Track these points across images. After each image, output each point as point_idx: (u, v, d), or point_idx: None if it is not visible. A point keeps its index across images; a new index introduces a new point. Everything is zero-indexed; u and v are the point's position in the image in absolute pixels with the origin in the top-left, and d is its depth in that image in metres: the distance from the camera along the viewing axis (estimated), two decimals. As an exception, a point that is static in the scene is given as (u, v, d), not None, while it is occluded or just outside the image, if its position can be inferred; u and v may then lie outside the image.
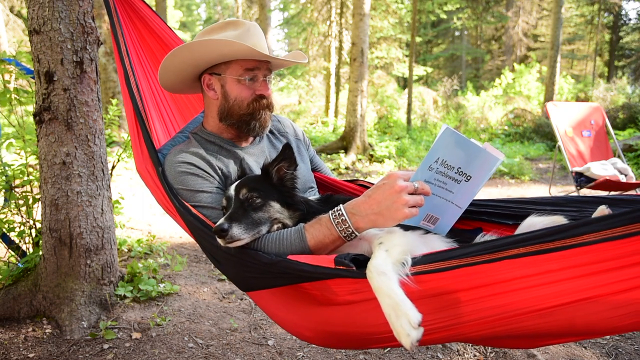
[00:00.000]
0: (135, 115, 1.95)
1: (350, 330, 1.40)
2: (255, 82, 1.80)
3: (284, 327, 1.67)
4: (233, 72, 1.77)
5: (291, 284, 1.46)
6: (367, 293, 1.21)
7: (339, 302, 1.37)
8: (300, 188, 1.78)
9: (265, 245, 1.46)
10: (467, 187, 1.43)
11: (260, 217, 1.48)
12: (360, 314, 1.34)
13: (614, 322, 1.11)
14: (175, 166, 1.71)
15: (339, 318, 1.40)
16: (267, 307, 1.68)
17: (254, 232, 1.44)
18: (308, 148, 2.22)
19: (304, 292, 1.46)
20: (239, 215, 1.43)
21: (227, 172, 1.77)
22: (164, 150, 1.90)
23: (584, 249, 1.07)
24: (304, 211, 1.55)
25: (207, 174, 1.71)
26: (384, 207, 1.29)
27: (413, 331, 1.10)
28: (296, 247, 1.43)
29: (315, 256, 1.39)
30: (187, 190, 1.66)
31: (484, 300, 1.19)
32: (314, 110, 18.61)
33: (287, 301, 1.56)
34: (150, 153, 1.81)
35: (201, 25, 40.55)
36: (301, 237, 1.43)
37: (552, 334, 1.24)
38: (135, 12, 2.35)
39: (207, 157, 1.76)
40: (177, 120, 2.36)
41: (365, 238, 1.42)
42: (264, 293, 1.62)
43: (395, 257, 1.23)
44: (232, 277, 1.71)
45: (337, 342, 1.57)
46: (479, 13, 27.21)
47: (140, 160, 1.89)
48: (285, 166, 1.58)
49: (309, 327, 1.52)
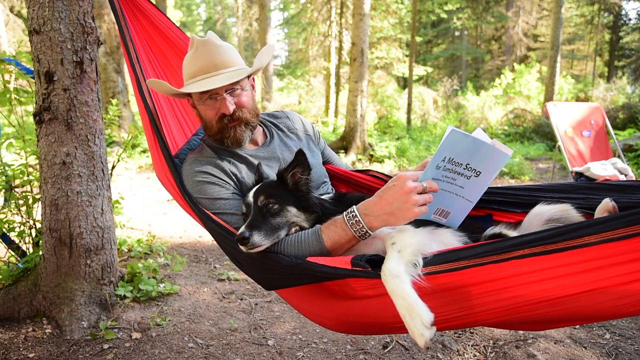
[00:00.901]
0: (150, 123, 1.99)
1: (369, 320, 1.51)
2: (216, 101, 1.82)
3: (308, 317, 1.78)
4: (195, 97, 1.87)
5: (311, 283, 1.55)
6: (383, 289, 1.28)
7: (358, 297, 1.46)
8: (314, 184, 1.86)
9: (284, 248, 1.54)
10: (477, 182, 1.47)
11: (278, 222, 1.55)
12: (377, 307, 1.43)
13: (617, 310, 1.22)
14: (192, 176, 1.78)
15: (357, 310, 1.50)
16: (290, 300, 1.80)
17: (273, 237, 1.52)
18: (318, 142, 2.25)
19: (325, 287, 1.54)
20: (259, 222, 1.51)
21: (240, 177, 1.83)
22: (181, 155, 1.98)
23: (586, 249, 1.14)
24: (319, 213, 1.61)
25: (223, 181, 1.77)
26: (395, 207, 1.35)
27: (426, 331, 1.17)
28: (314, 249, 1.50)
29: (333, 258, 1.46)
30: (206, 199, 1.74)
31: (493, 294, 1.27)
32: (314, 110, 18.60)
33: (310, 296, 1.65)
34: (167, 161, 1.88)
35: (201, 25, 40.53)
36: (318, 238, 1.50)
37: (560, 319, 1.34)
38: (142, 13, 2.35)
39: (220, 164, 1.82)
40: (191, 119, 2.38)
41: (379, 237, 1.49)
42: (287, 290, 1.72)
43: (408, 258, 1.29)
44: (255, 278, 1.79)
45: (357, 330, 1.68)
46: (479, 13, 27.19)
47: (159, 167, 1.97)
48: (299, 172, 1.63)
49: (331, 317, 1.62)
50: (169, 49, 2.43)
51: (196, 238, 4.98)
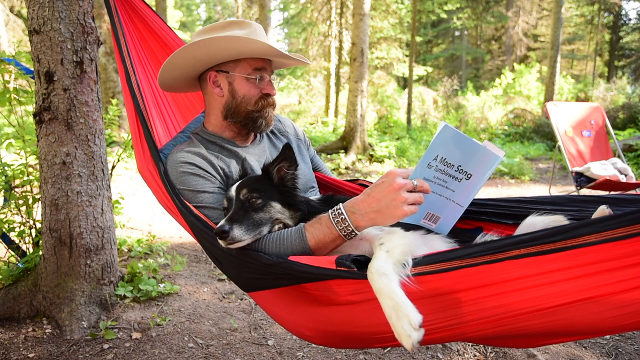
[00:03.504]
0: (136, 115, 1.95)
1: (352, 329, 1.41)
2: (262, 81, 1.84)
3: (285, 327, 1.68)
4: (242, 71, 1.80)
5: (293, 284, 1.45)
6: (369, 293, 1.21)
7: (341, 302, 1.37)
8: (302, 188, 1.78)
9: (266, 245, 1.46)
10: (468, 185, 1.42)
11: (261, 218, 1.48)
12: (362, 314, 1.34)
13: (614, 322, 1.12)
14: (177, 166, 1.71)
15: (340, 318, 1.40)
16: (268, 307, 1.68)
17: (255, 232, 1.45)
18: (308, 148, 2.23)
19: (306, 292, 1.45)
20: (240, 216, 1.44)
21: (228, 172, 1.77)
22: (165, 150, 1.90)
23: (585, 250, 1.07)
24: (305, 211, 1.55)
25: (209, 174, 1.71)
26: (384, 205, 1.29)
27: (414, 332, 1.10)
28: (297, 247, 1.43)
29: (317, 257, 1.38)
30: (189, 191, 1.67)
31: (485, 300, 1.19)
32: (314, 110, 18.61)
33: (288, 301, 1.56)
34: (152, 153, 1.81)
35: (201, 25, 40.52)
36: (301, 236, 1.43)
37: (553, 334, 1.24)
38: (136, 13, 2.35)
39: (208, 157, 1.76)
40: (177, 120, 2.36)
41: (366, 238, 1.42)
42: (265, 293, 1.62)
43: (396, 257, 1.22)
44: (233, 278, 1.71)
45: (338, 342, 1.58)
46: (479, 13, 27.20)
47: (142, 160, 1.89)
48: (285, 166, 1.58)
49: (310, 326, 1.52)
50: (160, 49, 2.42)
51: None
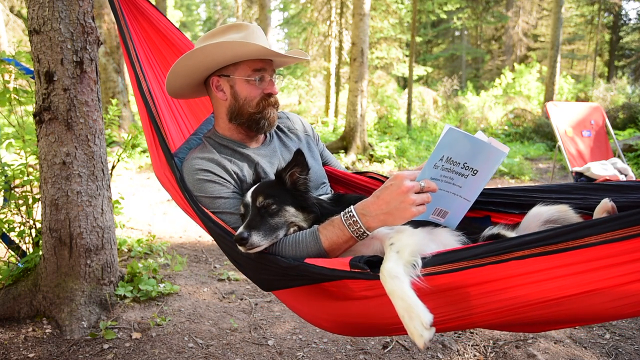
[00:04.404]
0: (150, 121, 1.98)
1: (367, 321, 1.50)
2: (262, 82, 1.87)
3: (305, 319, 1.77)
4: (242, 73, 1.84)
5: (309, 284, 1.54)
6: (382, 289, 1.27)
7: (356, 297, 1.44)
8: (313, 185, 1.86)
9: (282, 248, 1.54)
10: (474, 181, 1.48)
11: (277, 223, 1.55)
12: (376, 308, 1.42)
13: (616, 311, 1.21)
14: (193, 174, 1.77)
15: (356, 311, 1.48)
16: (288, 301, 1.79)
17: (272, 237, 1.52)
18: (317, 143, 2.26)
19: (322, 289, 1.53)
20: (257, 222, 1.51)
21: (242, 176, 1.82)
22: (180, 154, 1.96)
23: (587, 250, 1.13)
24: (318, 213, 1.61)
25: (224, 180, 1.77)
26: (393, 207, 1.35)
27: (426, 332, 1.16)
28: (312, 249, 1.50)
29: (331, 259, 1.45)
30: (206, 197, 1.73)
31: (493, 294, 1.26)
32: (314, 110, 18.61)
33: (307, 297, 1.64)
34: (168, 159, 1.86)
35: (201, 25, 40.53)
36: (316, 239, 1.49)
37: (559, 321, 1.34)
38: (142, 13, 2.35)
39: (222, 162, 1.81)
40: (190, 121, 2.38)
41: (377, 237, 1.48)
42: (284, 291, 1.71)
43: (406, 258, 1.28)
44: (253, 279, 1.78)
45: (354, 332, 1.67)
46: (479, 13, 27.19)
47: (158, 165, 1.95)
48: (297, 171, 1.63)
49: (328, 318, 1.61)
50: (167, 49, 2.43)
51: (196, 238, 4.99)
